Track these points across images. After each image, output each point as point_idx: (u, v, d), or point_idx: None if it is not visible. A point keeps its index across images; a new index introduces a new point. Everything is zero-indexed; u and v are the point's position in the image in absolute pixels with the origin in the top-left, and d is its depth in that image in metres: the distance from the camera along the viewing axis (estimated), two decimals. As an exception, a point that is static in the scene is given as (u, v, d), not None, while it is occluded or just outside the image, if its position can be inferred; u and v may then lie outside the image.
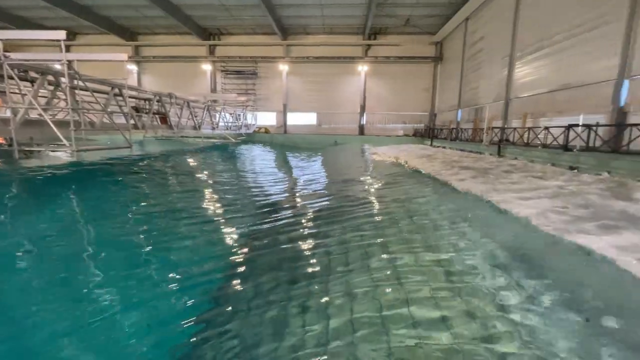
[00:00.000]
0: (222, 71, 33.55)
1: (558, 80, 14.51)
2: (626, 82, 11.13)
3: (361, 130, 33.26)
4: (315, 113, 34.03)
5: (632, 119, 10.85)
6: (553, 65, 14.93)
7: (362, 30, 30.25)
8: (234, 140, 23.53)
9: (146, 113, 14.49)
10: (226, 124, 24.40)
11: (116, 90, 11.04)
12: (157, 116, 16.28)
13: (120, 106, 11.70)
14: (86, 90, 9.39)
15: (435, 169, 11.83)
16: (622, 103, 11.26)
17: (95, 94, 10.12)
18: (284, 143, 30.74)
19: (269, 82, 33.40)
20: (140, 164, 12.55)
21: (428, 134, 28.89)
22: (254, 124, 32.04)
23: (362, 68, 32.05)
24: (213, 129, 21.96)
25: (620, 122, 10.89)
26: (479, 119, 22.17)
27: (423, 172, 11.75)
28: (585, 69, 12.95)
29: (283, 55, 32.33)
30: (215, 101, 26.66)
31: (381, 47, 31.60)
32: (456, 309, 3.45)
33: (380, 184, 10.98)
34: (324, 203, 9.02)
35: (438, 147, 24.16)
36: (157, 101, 15.15)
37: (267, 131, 33.24)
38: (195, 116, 19.36)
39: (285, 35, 31.75)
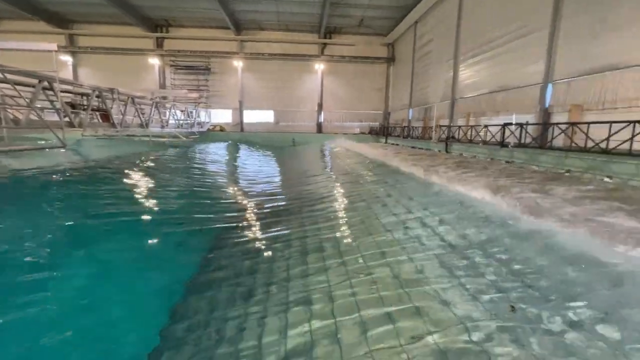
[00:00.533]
0: (171, 66, 31.66)
1: (495, 83, 15.91)
2: (550, 86, 12.55)
3: (319, 128, 33.54)
4: (272, 111, 33.60)
5: (555, 119, 12.27)
6: (491, 69, 16.33)
7: (318, 29, 30.43)
8: (185, 139, 22.34)
9: (84, 109, 13.19)
10: (177, 121, 23.14)
11: (45, 84, 9.89)
12: (97, 113, 14.93)
13: (51, 101, 10.52)
14: (6, 83, 8.28)
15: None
16: (547, 104, 12.68)
17: (20, 88, 8.97)
18: (240, 141, 29.90)
19: (223, 78, 32.25)
20: (72, 172, 11.24)
21: (383, 132, 29.99)
22: (207, 122, 30.78)
23: (319, 66, 32.29)
24: (162, 127, 20.69)
25: (545, 122, 12.26)
26: (428, 118, 23.52)
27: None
28: (517, 73, 14.35)
29: (237, 50, 31.38)
30: (164, 97, 25.11)
31: (337, 47, 32.08)
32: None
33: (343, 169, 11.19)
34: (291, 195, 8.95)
35: (392, 144, 25.18)
36: (97, 96, 13.87)
37: (222, 129, 32.10)
38: (142, 113, 18.06)
39: (239, 30, 30.85)
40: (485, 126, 14.41)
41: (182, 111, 25.49)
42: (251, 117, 33.24)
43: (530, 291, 3.16)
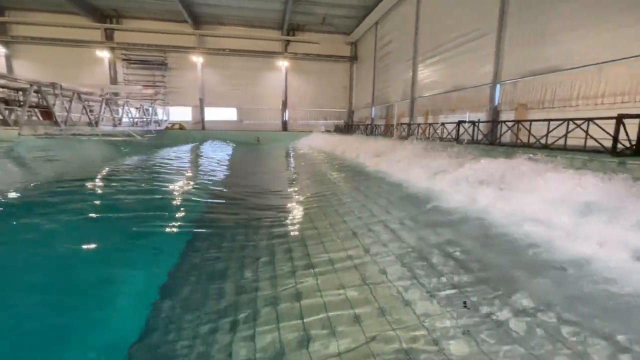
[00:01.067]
0: (123, 60, 29.59)
1: (451, 83, 16.78)
2: (498, 86, 13.49)
3: (284, 126, 33.27)
4: (235, 108, 32.72)
5: (503, 117, 13.21)
6: (447, 70, 17.18)
7: (281, 26, 30.09)
8: (140, 138, 21.05)
9: (20, 106, 11.95)
10: (131, 119, 21.72)
11: (-30, 77, 8.79)
12: (36, 110, 13.60)
13: (-22, 97, 9.38)
14: None
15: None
16: (496, 103, 13.63)
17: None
18: (205, 139, 28.72)
19: (182, 74, 30.77)
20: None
21: (347, 130, 30.46)
22: (165, 120, 29.27)
23: (283, 64, 31.96)
24: (115, 125, 19.33)
25: (494, 119, 13.15)
26: (389, 116, 24.26)
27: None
28: (470, 73, 15.25)
29: (196, 45, 30.08)
30: (116, 94, 23.53)
31: (300, 44, 31.93)
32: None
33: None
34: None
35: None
36: (36, 92, 12.62)
37: (182, 127, 30.67)
38: (91, 111, 16.76)
39: (197, 25, 29.60)
40: (442, 124, 15.13)
41: (137, 108, 23.97)
42: (213, 115, 32.10)
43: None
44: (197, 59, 30.27)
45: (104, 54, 28.79)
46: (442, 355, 2.61)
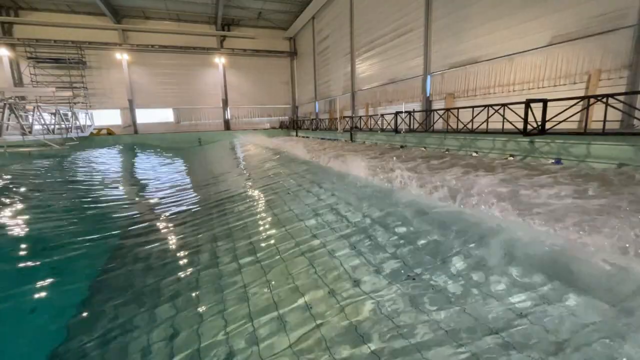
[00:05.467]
0: (29, 58, 25.62)
1: (386, 75, 17.58)
2: (429, 77, 14.48)
3: (227, 125, 31.95)
4: (171, 109, 30.49)
5: (435, 106, 14.25)
6: (382, 63, 17.96)
7: (214, 20, 28.65)
8: (58, 147, 18.58)
9: None
10: (45, 126, 18.98)
11: None
12: None
13: None
14: None
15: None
16: (428, 93, 14.64)
17: None
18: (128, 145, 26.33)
19: (106, 74, 27.67)
20: None
21: (293, 125, 30.35)
22: (90, 125, 26.17)
23: (220, 60, 30.54)
24: (24, 134, 16.74)
25: (427, 109, 14.14)
26: (333, 110, 24.69)
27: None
28: (403, 66, 16.13)
29: (120, 41, 27.27)
30: (22, 98, 20.45)
31: (237, 40, 30.76)
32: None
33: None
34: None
35: (302, 137, 25.72)
36: None
37: (110, 132, 27.71)
38: (-11, 118, 14.28)
39: (118, 18, 26.82)
40: (382, 115, 15.85)
41: (52, 114, 20.98)
42: (146, 117, 29.52)
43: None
44: (122, 56, 27.48)
45: (2, 52, 24.64)
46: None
